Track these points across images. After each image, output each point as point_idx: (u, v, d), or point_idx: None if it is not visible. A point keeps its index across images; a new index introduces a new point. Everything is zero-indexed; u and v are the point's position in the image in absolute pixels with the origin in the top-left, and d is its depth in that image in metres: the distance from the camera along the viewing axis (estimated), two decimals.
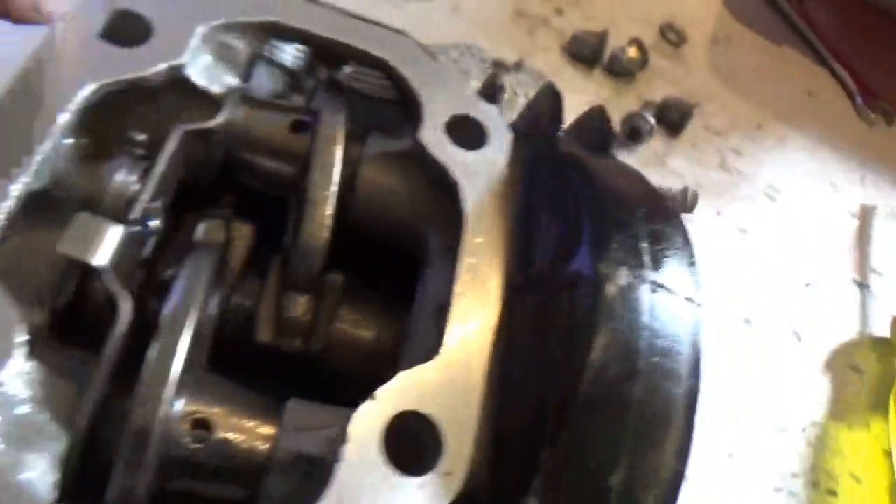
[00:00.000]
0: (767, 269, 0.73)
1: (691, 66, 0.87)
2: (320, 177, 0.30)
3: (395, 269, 0.34)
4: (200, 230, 0.30)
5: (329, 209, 0.30)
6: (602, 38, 0.78)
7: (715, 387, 0.60)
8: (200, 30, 0.30)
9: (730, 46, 0.92)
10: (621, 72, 0.80)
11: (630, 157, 0.75)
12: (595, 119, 0.34)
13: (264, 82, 0.38)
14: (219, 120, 0.30)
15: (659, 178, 0.75)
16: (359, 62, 0.34)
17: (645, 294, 0.26)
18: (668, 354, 0.25)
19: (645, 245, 0.27)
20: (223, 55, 0.32)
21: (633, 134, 0.74)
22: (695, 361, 0.25)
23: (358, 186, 0.33)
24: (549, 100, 0.35)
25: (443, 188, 0.31)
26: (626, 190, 0.30)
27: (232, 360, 0.31)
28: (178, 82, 0.30)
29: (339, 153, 0.31)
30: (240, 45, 0.32)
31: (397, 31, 0.35)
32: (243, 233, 0.31)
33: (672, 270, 0.27)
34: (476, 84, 0.70)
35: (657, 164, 0.76)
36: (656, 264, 0.27)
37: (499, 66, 0.73)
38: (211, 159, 0.31)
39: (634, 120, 0.73)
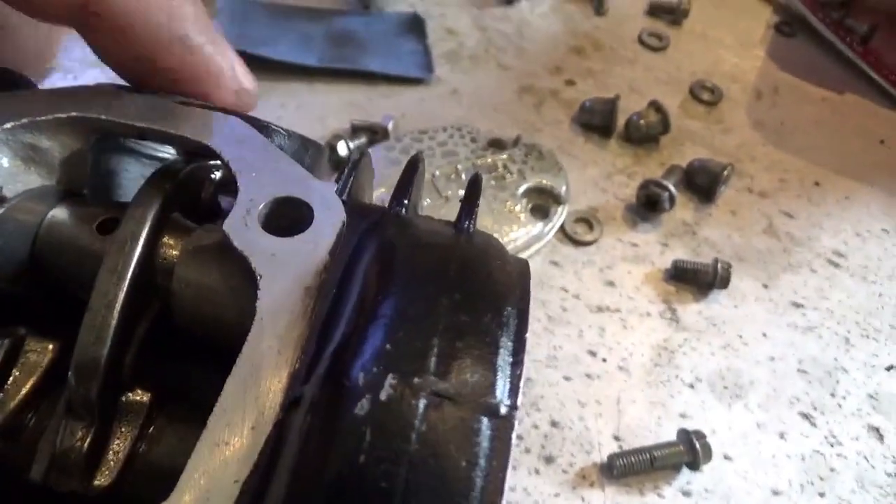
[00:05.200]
0: (831, 348, 0.61)
1: (730, 125, 0.79)
2: (103, 282, 0.26)
3: None
4: None
5: (112, 318, 0.26)
6: (612, 104, 0.72)
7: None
8: None
9: (777, 100, 0.82)
10: (640, 138, 0.73)
11: (654, 230, 0.67)
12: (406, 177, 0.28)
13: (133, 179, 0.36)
14: None
15: (689, 251, 0.66)
16: (182, 149, 0.31)
17: (415, 408, 0.19)
18: (441, 497, 0.18)
19: (435, 342, 0.21)
20: (29, 157, 0.30)
21: (650, 203, 0.66)
22: (487, 498, 0.18)
23: (174, 287, 0.28)
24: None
25: (253, 283, 0.26)
26: (443, 273, 0.23)
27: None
28: None
29: (134, 252, 0.27)
30: (50, 144, 0.30)
31: (225, 111, 0.31)
32: (40, 353, 0.28)
33: (469, 375, 0.20)
34: (462, 166, 0.65)
35: (686, 235, 0.67)
36: (444, 368, 0.20)
37: (495, 144, 0.68)
38: None
39: (649, 187, 0.65)
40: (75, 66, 0.72)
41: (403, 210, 0.28)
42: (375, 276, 0.24)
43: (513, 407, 0.20)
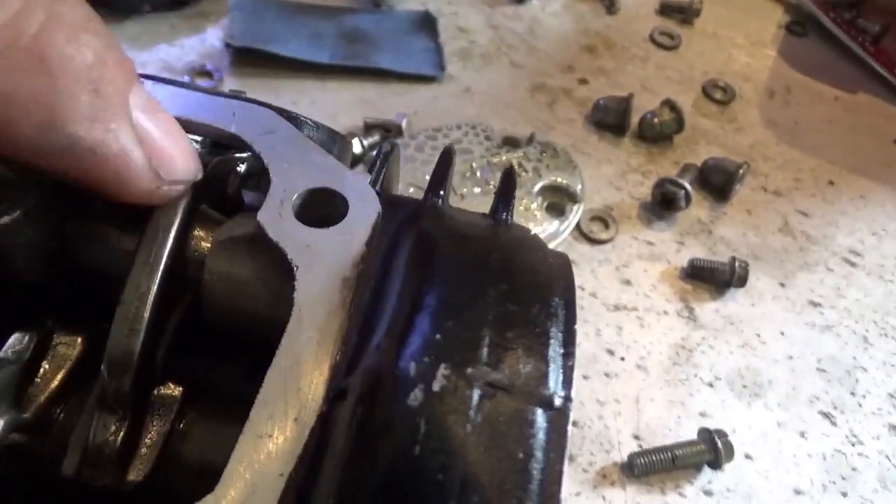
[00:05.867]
0: (850, 346, 0.61)
1: (743, 124, 0.78)
2: (136, 274, 0.26)
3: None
4: (6, 345, 0.26)
5: (145, 310, 0.25)
6: (626, 102, 0.71)
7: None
8: None
9: (790, 99, 0.82)
10: (654, 136, 0.73)
11: (670, 228, 0.67)
12: (440, 168, 0.28)
13: None
14: (13, 215, 0.26)
15: (704, 250, 0.65)
16: (211, 139, 0.31)
17: (469, 399, 0.18)
18: (500, 489, 0.17)
19: (486, 333, 0.20)
20: None
21: (665, 201, 0.65)
22: (546, 491, 0.17)
23: (205, 278, 0.28)
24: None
25: (288, 274, 0.26)
26: (486, 264, 0.23)
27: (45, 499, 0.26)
28: None
29: (166, 244, 0.26)
30: None
31: (256, 102, 0.30)
32: (69, 346, 0.27)
33: (521, 365, 0.19)
34: (475, 164, 0.65)
35: (702, 234, 0.67)
36: (496, 358, 0.19)
37: (509, 142, 0.68)
38: (23, 260, 0.27)
39: (665, 186, 0.65)
40: None
41: (440, 201, 0.27)
42: (417, 267, 0.24)
43: (567, 398, 0.19)
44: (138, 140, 0.24)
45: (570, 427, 0.19)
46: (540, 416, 0.19)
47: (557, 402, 0.19)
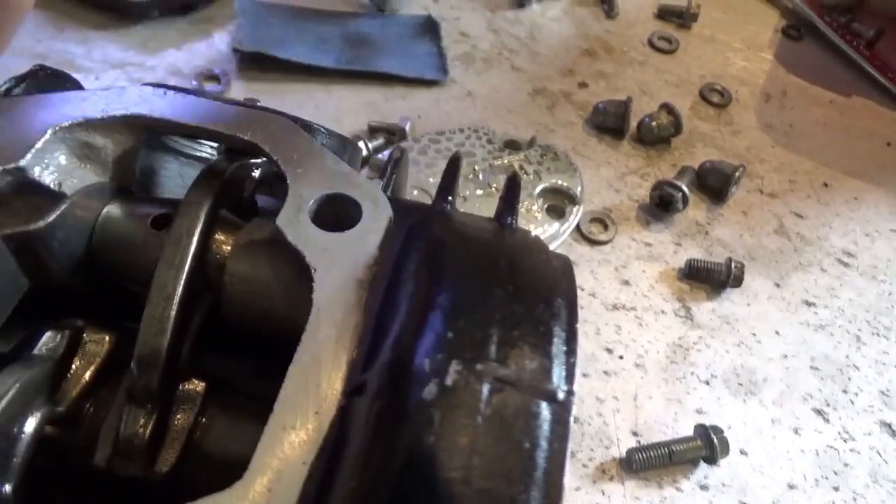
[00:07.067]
0: (843, 345, 0.62)
1: (739, 127, 0.80)
2: (162, 276, 0.27)
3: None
4: (40, 343, 0.28)
5: (171, 310, 0.27)
6: (625, 106, 0.73)
7: None
8: (50, 131, 0.29)
9: (785, 102, 0.84)
10: (652, 139, 0.74)
11: (667, 229, 0.68)
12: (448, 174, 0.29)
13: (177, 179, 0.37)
14: (47, 220, 0.28)
15: (701, 251, 0.67)
16: (230, 147, 0.32)
17: (480, 393, 0.20)
18: (508, 477, 0.19)
19: (494, 331, 0.22)
20: (85, 154, 0.31)
21: (663, 203, 0.67)
22: (550, 478, 0.19)
23: (226, 282, 0.30)
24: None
25: (306, 276, 0.27)
26: (493, 267, 0.24)
27: (79, 488, 0.28)
28: (22, 185, 0.28)
29: (190, 247, 0.28)
30: (104, 142, 0.31)
31: (271, 111, 0.32)
32: (98, 343, 0.29)
33: (527, 362, 0.21)
34: (479, 166, 0.67)
35: (699, 235, 0.68)
36: (503, 355, 0.21)
37: (510, 145, 0.70)
38: (55, 262, 0.29)
39: (662, 188, 0.66)
40: (96, 66, 0.73)
41: (448, 206, 0.29)
42: (427, 269, 0.25)
43: (569, 392, 0.21)
44: None
45: (572, 419, 0.21)
46: (544, 409, 0.20)
47: (560, 395, 0.21)
